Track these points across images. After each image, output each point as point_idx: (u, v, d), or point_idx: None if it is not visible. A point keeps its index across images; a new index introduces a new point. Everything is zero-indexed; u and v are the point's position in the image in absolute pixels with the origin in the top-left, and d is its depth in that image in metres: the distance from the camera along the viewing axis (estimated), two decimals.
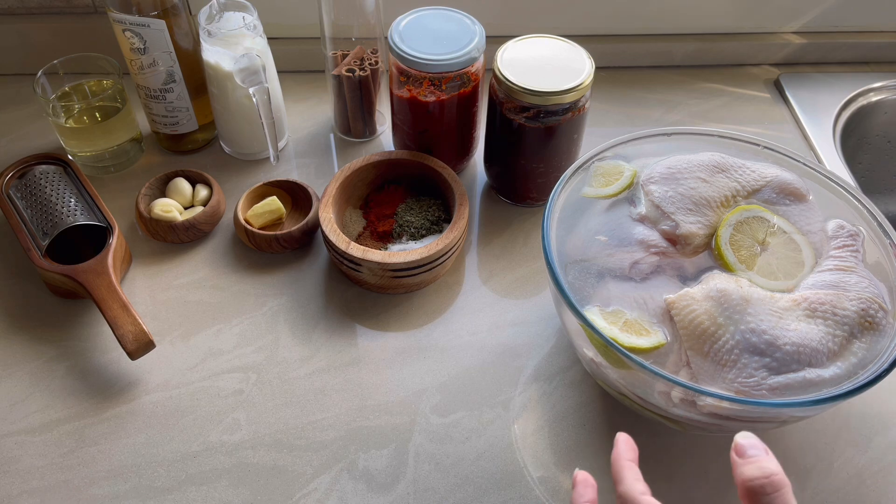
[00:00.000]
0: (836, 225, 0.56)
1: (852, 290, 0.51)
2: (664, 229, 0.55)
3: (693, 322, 0.50)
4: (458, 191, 0.69)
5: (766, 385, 0.47)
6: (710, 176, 0.57)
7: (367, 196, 0.74)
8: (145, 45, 0.70)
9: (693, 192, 0.56)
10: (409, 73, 0.68)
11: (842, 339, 0.49)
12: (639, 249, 0.54)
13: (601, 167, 0.60)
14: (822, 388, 0.48)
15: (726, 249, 0.54)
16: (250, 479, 0.56)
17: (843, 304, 0.50)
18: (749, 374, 0.48)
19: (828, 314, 0.50)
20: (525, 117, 0.66)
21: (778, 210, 0.56)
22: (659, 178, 0.57)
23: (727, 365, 0.48)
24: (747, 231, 0.54)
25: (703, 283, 0.52)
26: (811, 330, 0.49)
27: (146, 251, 0.71)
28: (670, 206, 0.55)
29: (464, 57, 0.66)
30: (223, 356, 0.63)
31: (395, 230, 0.70)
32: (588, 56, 0.67)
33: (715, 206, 0.56)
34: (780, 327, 0.49)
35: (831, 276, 0.52)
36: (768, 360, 0.48)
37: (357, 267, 0.65)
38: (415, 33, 0.68)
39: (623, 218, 0.57)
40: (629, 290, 0.53)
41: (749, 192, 0.57)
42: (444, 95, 0.69)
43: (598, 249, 0.55)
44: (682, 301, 0.51)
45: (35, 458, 0.57)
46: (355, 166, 0.71)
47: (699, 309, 0.50)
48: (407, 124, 0.73)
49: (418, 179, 0.74)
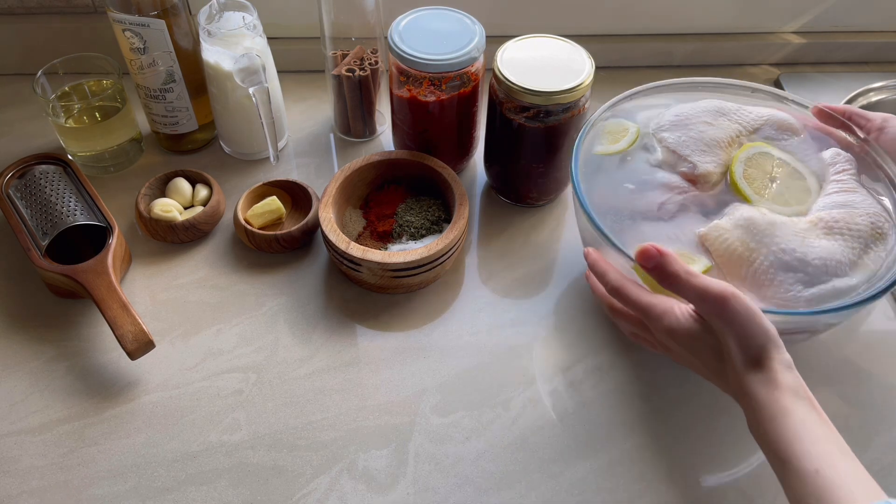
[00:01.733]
0: (832, 153, 0.62)
1: (860, 207, 0.57)
2: (683, 171, 0.61)
3: (728, 250, 0.55)
4: (458, 191, 0.69)
5: (803, 297, 0.53)
6: (714, 119, 0.62)
7: (367, 196, 0.74)
8: (145, 44, 0.70)
9: (703, 135, 0.61)
10: (409, 73, 0.68)
11: (859, 250, 0.55)
12: (663, 191, 0.60)
13: (607, 126, 0.65)
14: (851, 295, 0.53)
15: (742, 184, 0.59)
16: (250, 479, 0.56)
17: (855, 219, 0.56)
18: (786, 289, 0.54)
19: (843, 230, 0.56)
20: (525, 117, 0.66)
21: (778, 145, 0.62)
22: (669, 126, 0.63)
23: (764, 284, 0.54)
24: (757, 166, 0.60)
25: (729, 215, 0.57)
26: (832, 245, 0.55)
27: (146, 251, 0.71)
28: (685, 149, 0.61)
29: (464, 57, 0.66)
30: (223, 356, 0.63)
31: (395, 230, 0.70)
32: (588, 56, 0.67)
33: (724, 145, 0.61)
34: (806, 245, 0.55)
35: (839, 198, 0.58)
36: (801, 274, 0.54)
37: (357, 267, 0.65)
38: (415, 33, 0.68)
39: (643, 166, 0.62)
40: (660, 228, 0.58)
41: (751, 132, 0.63)
42: (444, 95, 0.69)
43: (625, 197, 0.60)
44: (714, 232, 0.56)
45: (35, 458, 0.57)
46: (355, 166, 0.71)
47: (731, 237, 0.55)
48: (407, 124, 0.73)
49: (418, 179, 0.74)
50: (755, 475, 0.57)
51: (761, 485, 0.57)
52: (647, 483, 0.57)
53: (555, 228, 0.75)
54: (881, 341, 0.67)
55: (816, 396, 0.46)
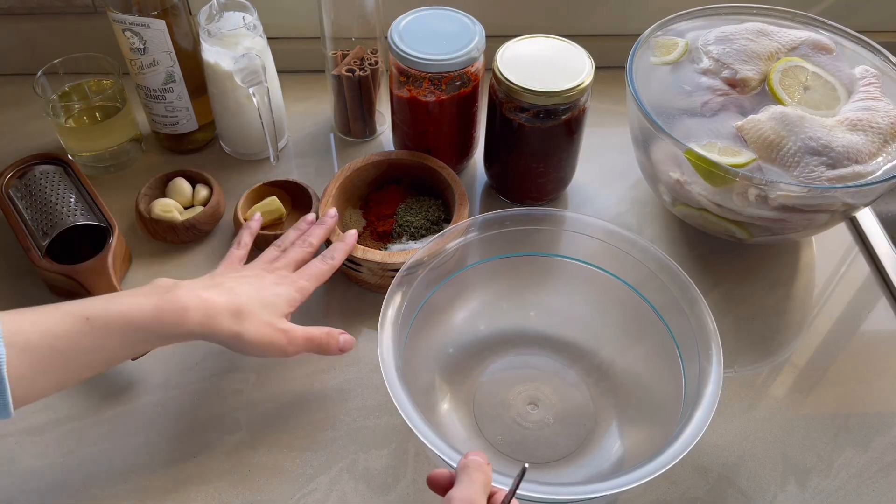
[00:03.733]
0: (861, 69, 0.70)
1: (882, 111, 0.65)
2: (725, 76, 0.68)
3: (761, 136, 0.63)
4: (458, 191, 0.69)
5: (826, 177, 0.60)
6: (755, 38, 0.70)
7: (367, 196, 0.74)
8: (145, 45, 0.70)
9: (745, 48, 0.69)
10: (410, 73, 0.68)
11: (878, 143, 0.63)
12: (707, 92, 0.67)
13: (659, 41, 0.73)
14: (868, 177, 0.61)
15: (778, 89, 0.67)
16: (250, 479, 0.56)
17: (877, 119, 0.64)
18: (811, 170, 0.61)
19: (866, 127, 0.63)
20: (525, 117, 0.66)
21: (812, 61, 0.70)
22: (715, 41, 0.71)
23: (792, 165, 0.61)
24: (792, 76, 0.68)
25: (764, 111, 0.64)
26: (855, 138, 0.63)
27: (146, 251, 0.71)
28: (728, 58, 0.69)
29: (464, 57, 0.66)
30: (223, 356, 0.63)
31: (395, 230, 0.70)
32: (588, 56, 0.67)
33: (763, 58, 0.69)
34: (832, 135, 0.62)
35: (864, 104, 0.66)
36: (825, 158, 0.61)
37: (357, 267, 0.65)
38: (415, 33, 0.68)
39: (690, 73, 0.70)
40: (703, 123, 0.66)
41: (788, 49, 0.70)
42: (444, 95, 0.69)
43: (674, 96, 0.68)
44: (750, 124, 0.64)
45: (35, 458, 0.57)
46: (355, 166, 0.71)
47: (765, 127, 0.63)
48: (407, 124, 0.73)
49: (418, 179, 0.74)
50: (754, 474, 0.57)
51: (762, 485, 0.57)
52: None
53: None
54: (881, 341, 0.67)
55: (817, 396, 0.46)
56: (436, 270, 0.58)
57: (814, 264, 0.73)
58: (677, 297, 0.55)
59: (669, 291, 0.55)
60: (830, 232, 0.74)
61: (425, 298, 0.57)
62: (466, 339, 0.63)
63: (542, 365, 0.63)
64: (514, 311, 0.65)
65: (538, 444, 0.58)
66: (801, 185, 0.60)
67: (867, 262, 0.72)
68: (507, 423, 0.59)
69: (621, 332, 0.62)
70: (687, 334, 0.54)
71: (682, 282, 0.55)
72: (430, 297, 0.58)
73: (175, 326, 0.50)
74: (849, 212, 0.65)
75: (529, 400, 0.60)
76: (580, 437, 0.58)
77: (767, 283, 0.71)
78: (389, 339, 0.51)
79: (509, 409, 0.60)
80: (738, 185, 0.61)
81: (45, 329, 0.46)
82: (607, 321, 0.62)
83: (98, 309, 0.48)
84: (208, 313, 0.51)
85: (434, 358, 0.61)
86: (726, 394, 0.62)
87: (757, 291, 0.70)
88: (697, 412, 0.48)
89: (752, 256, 0.72)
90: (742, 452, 0.59)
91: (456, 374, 0.61)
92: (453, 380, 0.61)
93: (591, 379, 0.61)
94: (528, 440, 0.58)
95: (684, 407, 0.51)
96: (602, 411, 0.59)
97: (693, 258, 0.72)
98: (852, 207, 0.64)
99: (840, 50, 0.71)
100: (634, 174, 0.78)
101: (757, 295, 0.69)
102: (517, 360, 0.63)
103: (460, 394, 0.60)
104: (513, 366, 0.63)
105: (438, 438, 0.46)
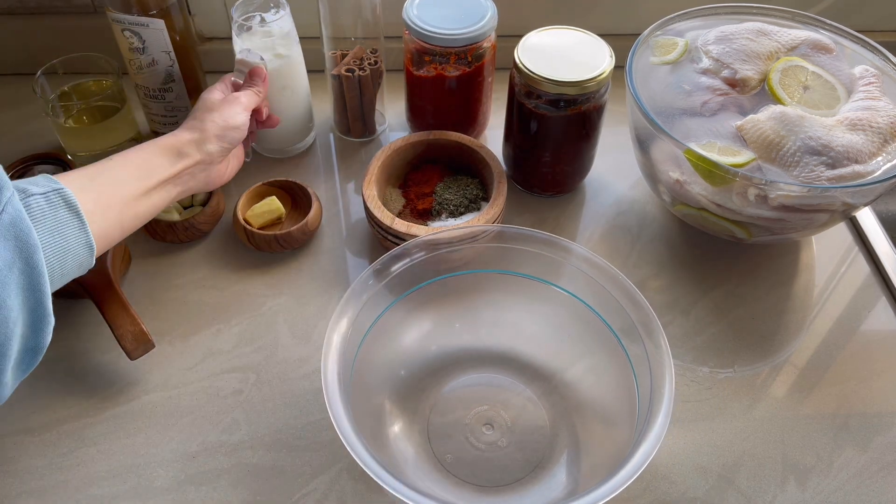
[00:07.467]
0: (861, 69, 0.69)
1: (882, 110, 0.64)
2: (725, 76, 0.68)
3: (761, 136, 0.62)
4: (497, 169, 0.70)
5: (825, 176, 0.60)
6: (755, 37, 0.70)
7: (406, 175, 0.75)
8: (144, 44, 0.70)
9: (745, 48, 0.69)
10: (434, 51, 0.70)
11: (878, 143, 0.62)
12: (707, 92, 0.67)
13: (658, 41, 0.73)
14: (868, 177, 0.61)
15: (778, 89, 0.67)
16: (250, 479, 0.56)
17: (877, 119, 0.63)
18: (811, 169, 0.61)
19: (866, 127, 0.63)
20: (544, 106, 0.68)
21: (812, 61, 0.69)
22: (715, 40, 0.71)
23: (791, 165, 0.61)
24: (792, 76, 0.68)
25: (764, 111, 0.64)
26: (855, 137, 0.62)
27: (146, 251, 0.71)
28: (728, 58, 0.69)
29: (486, 27, 0.70)
30: (222, 356, 0.63)
31: (435, 207, 0.71)
32: (609, 50, 0.68)
33: (763, 58, 0.69)
34: (831, 135, 0.62)
35: (864, 104, 0.65)
36: (825, 158, 0.61)
37: (401, 243, 0.65)
38: (430, 14, 0.70)
39: (690, 73, 0.70)
40: (703, 123, 0.65)
41: (788, 49, 0.70)
42: (467, 68, 0.72)
43: (674, 96, 0.68)
44: (749, 123, 0.64)
45: (34, 458, 0.57)
46: (395, 146, 0.72)
47: (765, 126, 0.63)
48: (432, 103, 0.76)
49: (454, 159, 0.75)
50: (754, 474, 0.57)
51: (761, 485, 0.57)
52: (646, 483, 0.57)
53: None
54: (881, 341, 0.67)
55: (817, 396, 0.46)
56: (382, 294, 0.55)
57: (814, 264, 0.73)
58: (634, 321, 0.52)
59: (627, 315, 0.53)
60: (830, 232, 0.74)
61: (373, 321, 0.55)
62: (418, 360, 0.61)
63: (501, 384, 0.61)
64: (466, 332, 0.63)
65: (490, 466, 0.56)
66: (800, 184, 0.60)
67: (867, 262, 0.72)
68: (459, 443, 0.57)
69: (579, 353, 0.60)
70: (642, 361, 0.51)
71: (642, 307, 0.52)
72: (379, 319, 0.55)
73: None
74: (849, 211, 0.64)
75: (486, 420, 0.58)
76: (532, 463, 0.56)
77: (767, 283, 0.71)
78: (335, 363, 0.49)
79: (463, 428, 0.58)
80: (738, 184, 0.61)
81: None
82: (563, 341, 0.60)
83: None
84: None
85: (385, 379, 0.59)
86: (726, 394, 0.62)
87: (757, 291, 0.70)
88: (641, 446, 0.45)
89: (752, 256, 0.72)
90: (742, 452, 0.59)
91: (409, 395, 0.59)
92: (406, 401, 0.59)
93: (548, 401, 0.60)
94: (478, 461, 0.56)
95: (634, 443, 0.47)
96: (557, 436, 0.58)
97: (693, 258, 0.72)
98: (852, 207, 0.63)
99: (840, 49, 0.71)
100: (634, 174, 0.78)
101: (757, 295, 0.69)
102: (477, 378, 0.61)
103: (413, 415, 0.59)
104: (470, 384, 0.61)
105: (377, 464, 0.44)
